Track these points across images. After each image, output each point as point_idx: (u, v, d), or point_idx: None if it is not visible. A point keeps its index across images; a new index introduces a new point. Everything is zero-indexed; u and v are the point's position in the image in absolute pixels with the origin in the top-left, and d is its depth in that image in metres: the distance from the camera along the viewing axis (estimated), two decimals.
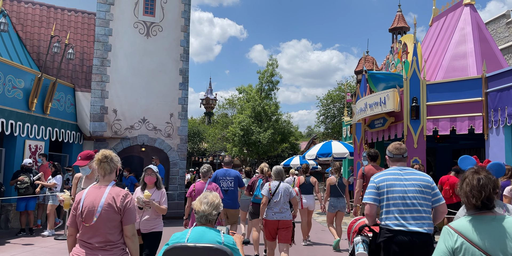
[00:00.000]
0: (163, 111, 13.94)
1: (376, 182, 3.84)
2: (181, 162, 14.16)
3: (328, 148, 16.12)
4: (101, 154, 3.36)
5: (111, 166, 3.36)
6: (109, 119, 13.22)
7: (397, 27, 25.25)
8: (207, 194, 3.23)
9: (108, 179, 3.36)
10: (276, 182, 6.51)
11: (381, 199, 3.78)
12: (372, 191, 3.83)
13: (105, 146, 13.37)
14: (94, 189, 3.33)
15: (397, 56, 13.32)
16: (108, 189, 3.29)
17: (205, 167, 6.89)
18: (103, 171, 3.35)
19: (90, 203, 3.23)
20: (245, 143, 31.14)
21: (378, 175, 3.91)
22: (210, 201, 3.14)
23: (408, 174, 3.81)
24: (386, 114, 12.32)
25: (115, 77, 13.39)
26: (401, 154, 3.97)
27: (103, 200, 3.22)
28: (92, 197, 3.26)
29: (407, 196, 3.68)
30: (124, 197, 3.28)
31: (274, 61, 32.63)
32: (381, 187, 3.79)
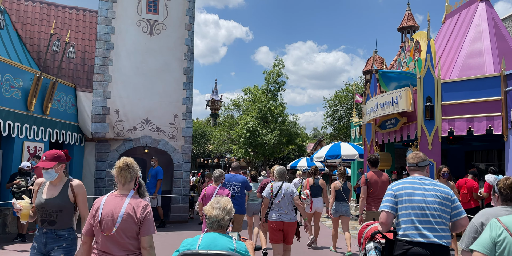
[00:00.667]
0: (167, 112, 13.53)
1: (394, 190, 3.74)
2: (186, 164, 13.73)
3: (337, 149, 15.63)
4: (122, 162, 3.28)
5: (131, 174, 3.29)
6: (111, 120, 12.83)
7: (406, 26, 24.75)
8: (219, 198, 3.13)
9: (127, 187, 3.30)
10: (279, 182, 6.37)
11: (398, 208, 3.68)
12: (389, 199, 3.72)
13: (107, 148, 12.99)
14: (113, 197, 3.27)
15: (409, 54, 12.82)
16: (129, 199, 3.24)
17: (218, 171, 6.79)
18: (124, 179, 3.27)
19: (109, 212, 3.18)
20: (251, 145, 30.70)
21: (397, 183, 3.81)
22: (222, 206, 3.04)
23: (427, 184, 3.70)
24: (398, 114, 11.84)
25: (117, 77, 12.99)
26: (416, 163, 3.87)
27: (123, 210, 3.16)
28: (111, 206, 3.20)
29: (426, 206, 3.57)
30: (144, 208, 3.23)
31: (280, 61, 32.21)
32: (399, 196, 3.68)
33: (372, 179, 7.28)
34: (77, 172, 12.66)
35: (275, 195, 6.27)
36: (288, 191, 6.30)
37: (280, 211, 6.18)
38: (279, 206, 6.21)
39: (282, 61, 32.04)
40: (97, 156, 12.92)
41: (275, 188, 6.34)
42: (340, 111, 29.21)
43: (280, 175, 6.51)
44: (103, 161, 12.91)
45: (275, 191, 6.31)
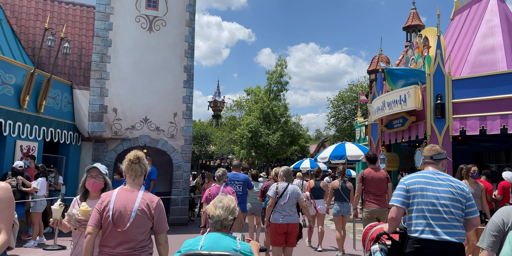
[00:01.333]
0: (166, 111, 13.10)
1: (407, 184, 3.58)
2: (185, 165, 13.29)
3: (342, 150, 15.16)
4: (133, 155, 3.22)
5: (142, 168, 3.23)
6: (108, 118, 12.40)
7: (412, 25, 24.29)
8: (221, 197, 3.01)
9: (138, 182, 3.25)
10: (285, 183, 6.23)
11: (410, 203, 3.53)
12: (401, 193, 3.57)
13: (105, 147, 12.57)
14: (124, 191, 3.18)
15: (418, 51, 12.35)
16: (141, 193, 3.17)
17: (220, 170, 6.70)
18: (134, 173, 3.22)
19: (121, 206, 3.08)
20: (253, 146, 30.26)
21: (409, 177, 3.66)
22: (225, 205, 2.92)
23: (441, 179, 3.54)
24: (406, 113, 11.38)
25: (115, 74, 12.58)
26: (430, 156, 3.72)
27: (137, 205, 3.09)
28: (123, 200, 3.11)
29: (438, 203, 3.43)
30: (158, 204, 3.17)
31: (283, 61, 31.78)
32: (412, 190, 3.53)
33: (369, 175, 7.20)
34: (73, 173, 12.24)
35: (280, 196, 6.13)
36: (294, 193, 6.16)
37: (284, 213, 6.05)
38: (283, 207, 6.07)
39: (285, 61, 31.63)
40: (94, 156, 12.51)
41: (281, 188, 6.18)
42: (344, 111, 28.72)
43: (286, 175, 6.33)
44: (100, 161, 12.48)
45: (280, 191, 6.15)
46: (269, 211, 6.17)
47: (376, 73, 22.77)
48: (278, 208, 6.09)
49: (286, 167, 6.55)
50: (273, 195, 6.13)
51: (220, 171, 6.71)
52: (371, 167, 7.41)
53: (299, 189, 6.36)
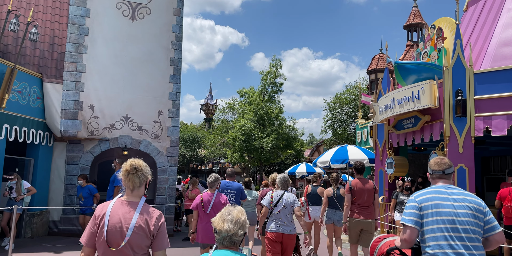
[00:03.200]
0: (150, 108, 11.75)
1: (418, 202, 3.25)
2: (171, 169, 11.92)
3: (344, 153, 13.88)
4: (129, 165, 2.93)
5: (140, 178, 2.93)
6: (84, 116, 11.01)
7: (413, 24, 23.24)
8: (230, 209, 2.67)
9: (137, 193, 2.94)
10: (281, 191, 6.06)
11: (424, 223, 3.20)
12: (413, 212, 3.23)
13: (80, 149, 11.16)
14: (121, 204, 2.87)
15: (430, 43, 11.13)
16: (140, 207, 2.86)
17: (212, 176, 6.31)
18: (132, 184, 2.92)
19: (117, 222, 2.77)
20: (246, 149, 28.89)
21: (420, 193, 3.33)
22: (235, 218, 2.59)
23: (456, 194, 3.26)
24: (418, 112, 10.13)
25: (92, 67, 11.21)
26: (442, 170, 3.42)
27: (134, 221, 2.78)
28: (120, 214, 2.80)
29: (457, 220, 3.11)
30: (158, 220, 2.89)
31: (277, 62, 30.54)
32: (425, 208, 3.21)
33: (357, 186, 7.11)
34: (44, 177, 10.82)
35: (275, 204, 5.92)
36: (289, 201, 5.95)
37: (279, 222, 5.81)
38: (278, 216, 5.85)
39: (280, 62, 30.39)
40: (68, 159, 11.10)
41: (276, 197, 5.98)
42: (341, 114, 27.48)
43: (282, 183, 6.14)
44: (74, 164, 11.09)
45: (275, 200, 5.94)
46: (262, 220, 5.95)
47: (376, 73, 21.60)
48: (273, 217, 5.88)
49: (283, 174, 6.31)
50: (267, 204, 5.93)
51: (213, 176, 6.29)
52: (358, 178, 7.29)
53: (295, 197, 6.11)
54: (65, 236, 10.67)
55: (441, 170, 3.41)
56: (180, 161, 46.89)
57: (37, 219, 10.49)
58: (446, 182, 3.39)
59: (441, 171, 3.41)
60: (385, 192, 12.13)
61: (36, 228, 10.46)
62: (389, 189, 12.05)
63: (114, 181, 9.55)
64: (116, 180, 9.43)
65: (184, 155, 45.71)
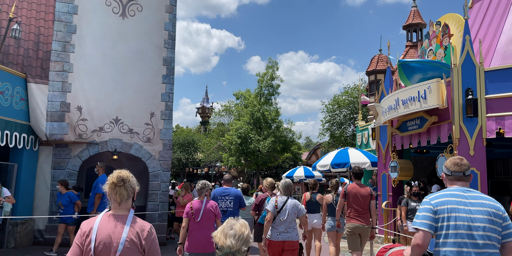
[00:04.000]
0: (142, 110, 11.15)
1: (434, 205, 3.02)
2: (164, 174, 11.31)
3: (345, 157, 13.32)
4: (116, 176, 2.79)
5: (128, 190, 2.79)
6: (71, 118, 10.41)
7: (413, 24, 22.78)
8: (232, 222, 2.42)
9: (125, 206, 2.78)
10: (284, 197, 5.89)
11: (438, 227, 2.99)
12: (427, 215, 3.01)
13: (67, 153, 10.55)
14: (109, 218, 2.72)
15: (436, 41, 10.62)
16: (130, 220, 2.73)
17: (200, 183, 6.01)
18: (119, 198, 2.75)
19: (106, 237, 2.63)
20: (243, 153, 28.30)
21: (435, 196, 3.09)
22: (237, 232, 2.33)
23: (473, 198, 3.03)
24: (425, 113, 9.61)
25: (80, 66, 10.61)
26: (463, 172, 3.16)
27: (125, 235, 2.65)
28: (108, 229, 2.67)
29: (473, 226, 2.91)
30: (150, 233, 2.76)
31: (274, 63, 30.03)
32: (440, 212, 2.97)
33: (352, 191, 7.08)
34: (29, 183, 10.20)
35: (279, 210, 5.77)
36: (294, 209, 5.78)
37: (280, 230, 5.70)
38: (280, 223, 5.72)
39: (276, 63, 29.87)
40: (54, 164, 10.48)
41: (280, 203, 5.80)
42: (339, 116, 26.96)
43: (285, 189, 5.96)
44: (61, 169, 10.47)
45: (279, 206, 5.78)
46: (268, 227, 5.74)
47: (376, 74, 21.10)
48: (275, 224, 5.72)
49: (286, 180, 6.12)
50: (272, 209, 5.73)
51: (200, 183, 6.00)
52: (356, 183, 7.24)
53: (300, 204, 5.90)
54: (51, 246, 10.01)
55: (462, 171, 3.17)
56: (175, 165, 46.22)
57: (21, 228, 9.85)
58: (464, 184, 3.17)
59: (461, 172, 3.17)
60: (389, 197, 11.57)
61: (20, 237, 9.83)
62: (393, 194, 11.50)
63: (96, 187, 8.96)
64: (98, 187, 8.85)
65: (180, 159, 45.05)
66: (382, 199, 11.80)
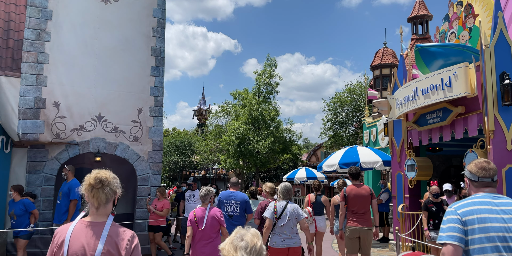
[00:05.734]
0: (128, 106, 9.96)
1: (461, 214, 2.64)
2: (154, 177, 10.10)
3: (354, 156, 12.14)
4: (93, 177, 2.48)
5: (107, 194, 2.48)
6: (47, 116, 9.19)
7: (418, 16, 21.66)
8: (243, 232, 2.10)
9: (103, 212, 2.49)
10: (284, 202, 5.80)
11: (468, 241, 2.57)
12: (455, 227, 2.62)
13: (44, 155, 9.32)
14: (84, 226, 2.42)
15: (458, 23, 9.47)
16: (107, 228, 2.42)
17: (203, 190, 5.95)
18: (97, 201, 2.46)
19: (79, 249, 2.34)
20: (241, 154, 27.06)
21: (461, 205, 2.71)
22: (249, 244, 2.03)
23: (504, 204, 2.67)
24: (448, 104, 8.46)
25: (57, 57, 9.41)
26: (491, 177, 2.81)
27: (101, 247, 2.35)
28: (83, 239, 2.36)
29: (509, 237, 2.55)
30: (130, 241, 2.45)
31: (272, 61, 28.84)
32: (469, 222, 2.61)
33: (351, 193, 6.94)
34: (0, 190, 8.96)
35: (279, 216, 5.64)
36: (294, 213, 5.69)
37: (283, 236, 5.56)
38: (282, 230, 5.58)
39: (275, 60, 28.69)
40: (29, 167, 9.25)
41: (279, 208, 5.69)
42: (341, 115, 25.78)
43: (284, 193, 5.87)
44: (38, 173, 9.25)
45: (279, 211, 5.66)
46: (266, 234, 5.61)
47: (381, 68, 19.95)
48: (277, 230, 5.60)
49: (285, 183, 6.00)
50: (271, 216, 5.64)
51: (203, 190, 5.90)
52: (354, 184, 7.09)
53: (300, 208, 5.82)
54: None
55: (490, 176, 2.84)
56: (172, 168, 45.00)
57: None
58: (492, 190, 2.84)
59: (489, 178, 2.84)
60: (405, 200, 10.38)
61: None
62: (410, 195, 10.31)
63: (70, 193, 7.76)
64: (73, 192, 7.65)
65: (177, 162, 43.83)
66: (398, 202, 10.62)
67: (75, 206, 7.89)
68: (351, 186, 7.08)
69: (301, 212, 5.76)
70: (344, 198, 7.03)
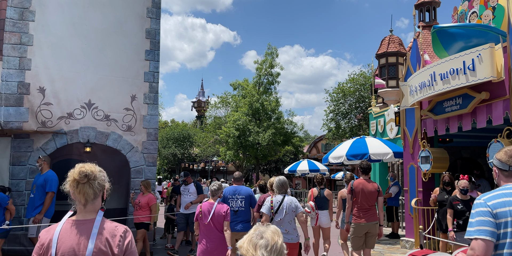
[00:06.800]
0: (121, 92, 9.22)
1: (491, 207, 2.45)
2: (149, 169, 9.38)
3: (363, 147, 11.42)
4: (78, 172, 2.28)
5: (95, 188, 2.29)
6: (32, 102, 8.45)
7: (425, 2, 20.93)
8: (262, 229, 1.98)
9: (91, 208, 2.30)
10: (280, 196, 5.65)
11: (500, 235, 2.39)
12: (486, 220, 2.41)
13: (29, 145, 8.59)
14: (71, 226, 2.24)
15: (479, 2, 8.70)
16: (97, 225, 2.24)
17: (216, 184, 5.84)
18: (83, 198, 2.27)
19: (69, 250, 2.17)
20: (241, 146, 26.36)
21: (492, 196, 2.52)
22: (270, 242, 1.91)
23: None
24: (470, 89, 7.73)
25: (42, 38, 8.64)
26: None
27: (92, 246, 2.17)
28: (71, 240, 2.19)
29: None
30: (123, 238, 2.27)
31: (273, 50, 28.01)
32: (501, 215, 2.41)
33: (359, 187, 6.80)
34: None
35: (275, 211, 5.50)
36: (291, 207, 5.57)
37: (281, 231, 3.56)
38: (279, 225, 5.35)
39: (276, 49, 27.87)
40: (13, 158, 8.53)
41: (276, 202, 5.58)
42: (344, 105, 25.03)
43: (279, 187, 5.75)
44: (22, 165, 8.52)
45: (275, 206, 5.54)
46: None
47: (387, 57, 19.14)
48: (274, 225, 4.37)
49: (280, 177, 5.91)
50: (267, 211, 5.57)
51: (216, 185, 5.86)
52: (364, 178, 6.92)
53: (297, 201, 5.74)
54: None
55: None
56: (170, 160, 44.34)
57: None
58: None
59: None
60: (419, 194, 9.69)
61: None
62: (424, 189, 9.62)
63: (46, 185, 7.05)
64: (49, 184, 6.95)
65: (175, 154, 43.18)
66: (410, 196, 9.93)
67: (51, 199, 7.20)
68: (359, 180, 6.90)
69: (298, 205, 5.65)
70: (351, 192, 6.88)
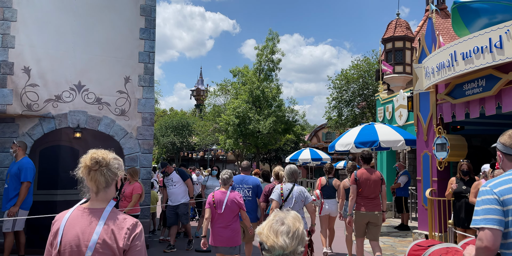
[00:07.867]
0: (113, 73, 8.51)
1: (498, 194, 2.36)
2: (144, 157, 8.73)
3: (372, 134, 10.76)
4: (89, 158, 2.21)
5: (107, 176, 2.19)
6: (16, 83, 7.75)
7: None
8: (282, 216, 1.85)
9: (103, 197, 2.21)
10: (290, 184, 5.66)
11: (509, 222, 2.31)
12: (493, 208, 2.33)
13: (14, 130, 7.92)
14: (81, 214, 2.17)
15: None
16: (105, 215, 2.15)
17: (227, 173, 5.80)
18: (95, 185, 2.19)
19: (74, 238, 2.10)
20: (241, 134, 25.72)
21: (498, 182, 2.43)
22: (292, 229, 1.79)
23: None
24: (495, 70, 7.06)
25: (27, 14, 7.91)
26: None
27: (96, 237, 2.08)
28: (78, 228, 2.12)
29: None
30: (130, 231, 2.14)
31: (274, 35, 27.18)
32: (508, 202, 2.32)
33: (362, 177, 6.74)
34: None
35: (285, 199, 5.52)
36: (300, 196, 5.58)
37: None
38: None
39: (277, 35, 27.03)
40: None
41: (286, 190, 5.56)
42: (348, 92, 24.32)
43: (290, 175, 5.72)
44: (6, 152, 7.87)
45: (285, 194, 5.53)
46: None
47: (393, 41, 18.43)
48: None
49: (290, 165, 5.85)
50: (278, 198, 5.53)
51: (227, 173, 5.78)
52: (365, 168, 6.90)
53: (306, 191, 5.73)
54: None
55: None
56: (169, 149, 43.72)
57: None
58: None
59: None
60: (433, 184, 9.07)
61: None
62: (439, 179, 8.99)
63: (21, 174, 6.40)
64: (24, 172, 6.31)
65: (174, 143, 42.58)
66: (424, 186, 9.30)
67: (27, 190, 6.57)
68: (362, 170, 6.85)
69: (308, 195, 5.65)
70: (355, 182, 6.81)
